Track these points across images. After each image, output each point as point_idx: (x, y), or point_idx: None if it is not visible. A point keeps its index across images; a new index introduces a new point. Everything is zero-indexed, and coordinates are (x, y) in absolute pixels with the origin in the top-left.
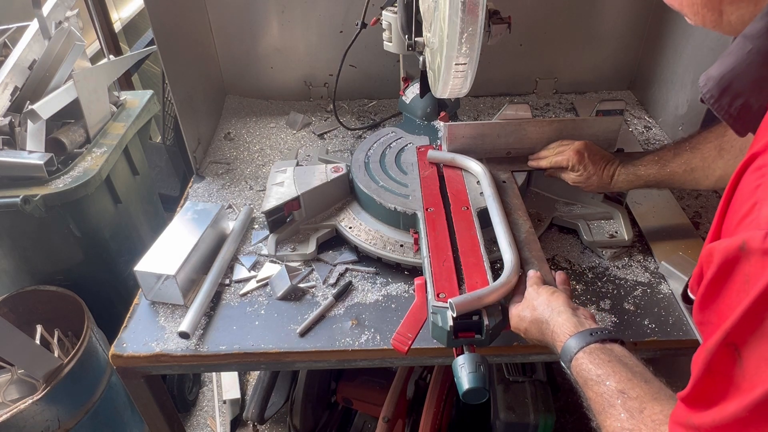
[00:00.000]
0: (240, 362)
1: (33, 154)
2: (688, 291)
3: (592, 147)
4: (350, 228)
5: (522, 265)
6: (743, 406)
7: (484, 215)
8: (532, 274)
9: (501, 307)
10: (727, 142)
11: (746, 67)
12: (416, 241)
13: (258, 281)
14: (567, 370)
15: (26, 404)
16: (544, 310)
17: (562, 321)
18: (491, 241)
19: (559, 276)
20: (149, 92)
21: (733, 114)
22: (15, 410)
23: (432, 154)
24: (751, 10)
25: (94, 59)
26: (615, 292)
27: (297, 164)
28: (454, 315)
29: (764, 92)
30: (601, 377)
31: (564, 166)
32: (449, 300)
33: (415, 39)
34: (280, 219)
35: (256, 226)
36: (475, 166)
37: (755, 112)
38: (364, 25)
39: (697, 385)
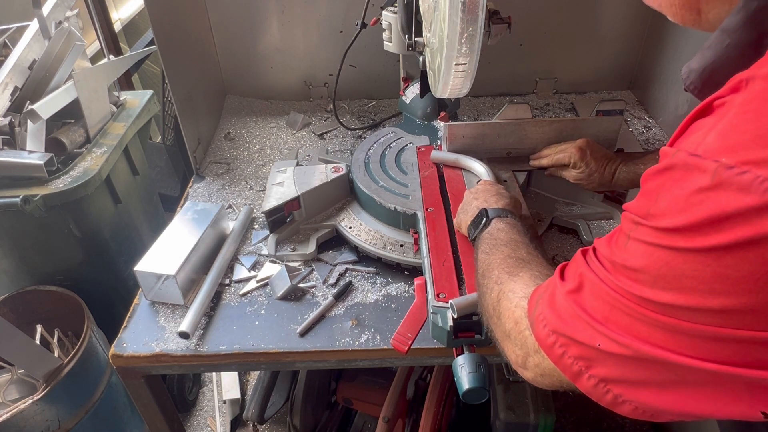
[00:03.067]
0: (240, 362)
1: (33, 154)
2: None
3: (593, 145)
4: (350, 228)
5: None
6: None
7: None
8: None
9: None
10: None
11: (725, 60)
12: (416, 241)
13: (258, 281)
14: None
15: (26, 404)
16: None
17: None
18: None
19: None
20: (149, 92)
21: None
22: (15, 410)
23: (435, 154)
24: (727, 8)
25: (94, 59)
26: None
27: (297, 164)
28: (455, 316)
29: None
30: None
31: (566, 163)
32: (450, 301)
33: (415, 39)
34: (280, 219)
35: (256, 226)
36: (478, 167)
37: None
38: (364, 25)
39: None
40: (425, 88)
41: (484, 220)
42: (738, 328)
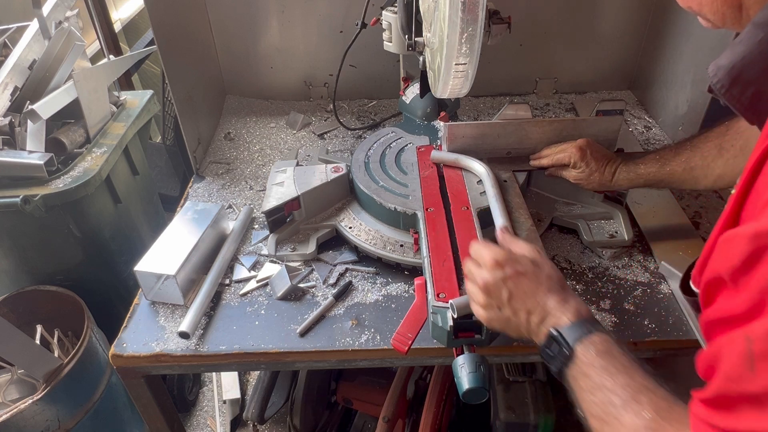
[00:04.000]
0: (240, 362)
1: (33, 154)
2: (690, 282)
3: (593, 144)
4: (350, 228)
5: None
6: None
7: (484, 215)
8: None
9: None
10: (727, 141)
11: (757, 55)
12: (416, 241)
13: (258, 281)
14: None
15: (26, 404)
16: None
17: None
18: (492, 241)
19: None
20: (149, 92)
21: (744, 103)
22: (15, 410)
23: (435, 154)
24: None
25: (94, 59)
26: (615, 292)
27: (297, 164)
28: (455, 316)
29: None
30: (619, 369)
31: (566, 162)
32: (450, 301)
33: (415, 39)
34: (280, 219)
35: (256, 226)
36: (478, 167)
37: None
38: (364, 25)
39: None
40: (425, 88)
41: (567, 352)
42: None
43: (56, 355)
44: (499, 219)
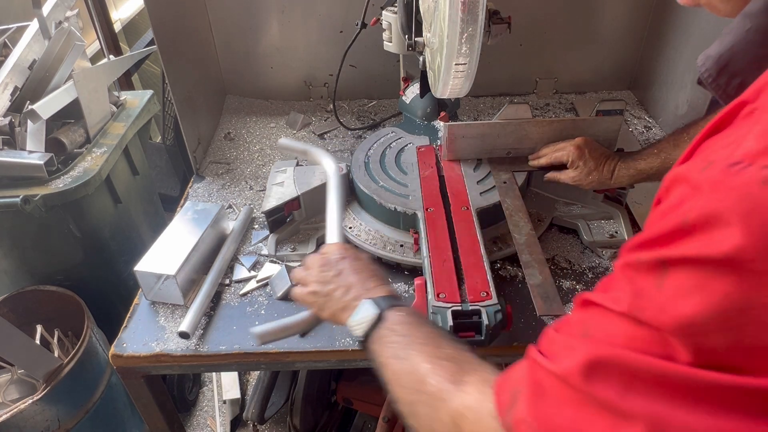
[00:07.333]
0: (240, 362)
1: (33, 154)
2: None
3: (591, 143)
4: (350, 228)
5: (523, 267)
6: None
7: (484, 215)
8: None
9: (501, 307)
10: None
11: (745, 45)
12: (416, 241)
13: (258, 281)
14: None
15: (26, 404)
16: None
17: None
18: (491, 241)
19: None
20: (149, 92)
21: (730, 93)
22: (15, 410)
23: (282, 141)
24: None
25: (94, 59)
26: None
27: (297, 164)
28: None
29: (762, 71)
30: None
31: (564, 161)
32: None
33: (415, 39)
34: (280, 219)
35: (256, 226)
36: (327, 162)
37: None
38: (364, 25)
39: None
40: (425, 88)
41: (377, 314)
42: None
43: (56, 355)
44: (335, 234)
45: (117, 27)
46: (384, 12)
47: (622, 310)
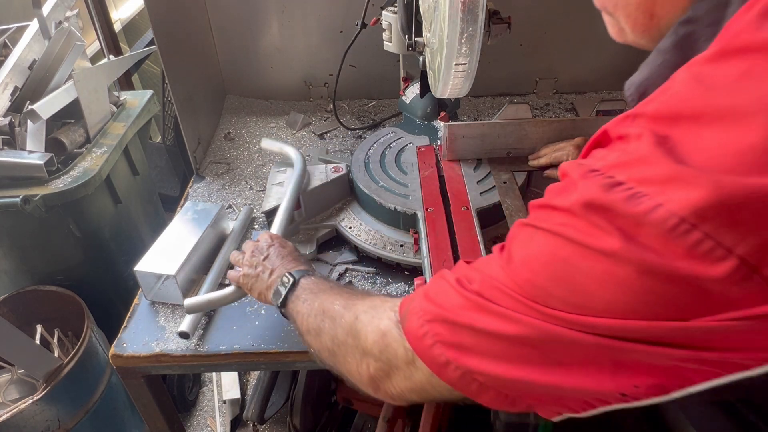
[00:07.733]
0: (240, 362)
1: (33, 154)
2: None
3: None
4: (350, 228)
5: None
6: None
7: (484, 215)
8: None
9: None
10: None
11: (657, 78)
12: (416, 241)
13: None
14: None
15: (26, 404)
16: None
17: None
18: (491, 241)
19: None
20: (149, 92)
21: None
22: (15, 410)
23: (264, 144)
24: (679, 15)
25: (94, 59)
26: None
27: None
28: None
29: None
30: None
31: (564, 161)
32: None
33: (415, 39)
34: None
35: (256, 226)
36: (294, 156)
37: None
38: (364, 25)
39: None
40: (425, 88)
41: (292, 280)
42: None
43: (56, 355)
44: (275, 226)
45: (117, 27)
46: (384, 12)
47: (501, 264)
